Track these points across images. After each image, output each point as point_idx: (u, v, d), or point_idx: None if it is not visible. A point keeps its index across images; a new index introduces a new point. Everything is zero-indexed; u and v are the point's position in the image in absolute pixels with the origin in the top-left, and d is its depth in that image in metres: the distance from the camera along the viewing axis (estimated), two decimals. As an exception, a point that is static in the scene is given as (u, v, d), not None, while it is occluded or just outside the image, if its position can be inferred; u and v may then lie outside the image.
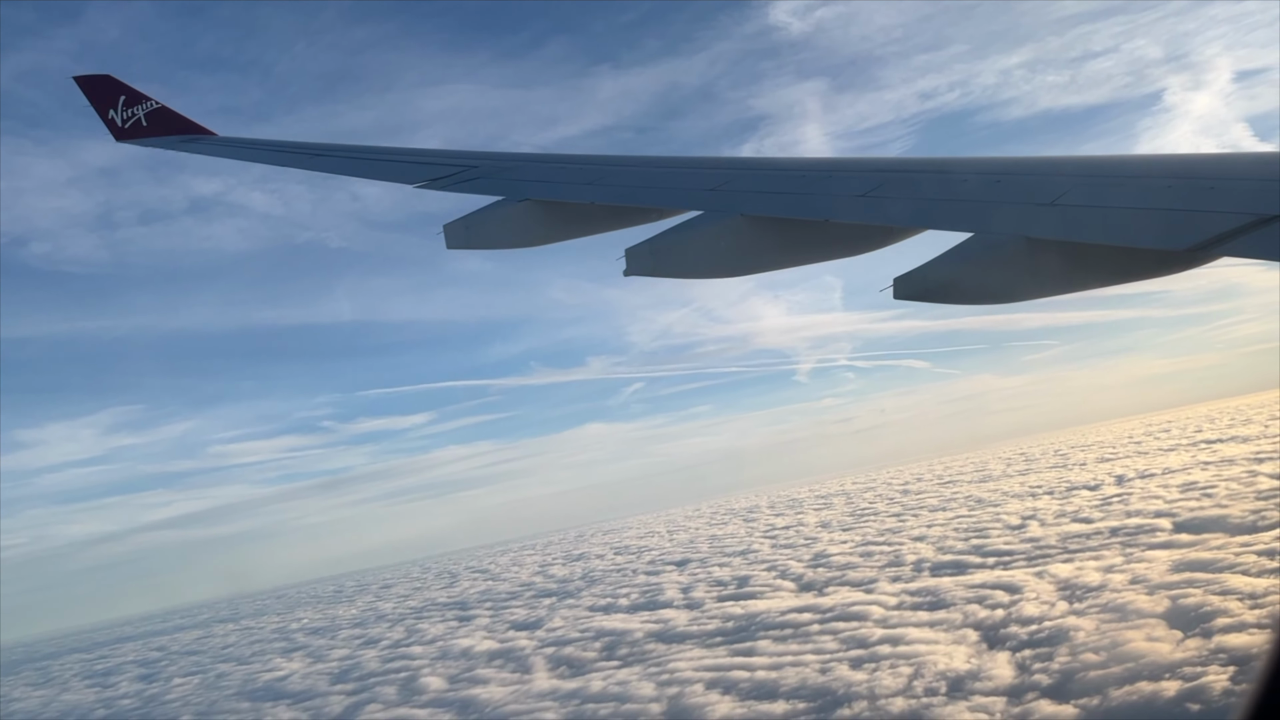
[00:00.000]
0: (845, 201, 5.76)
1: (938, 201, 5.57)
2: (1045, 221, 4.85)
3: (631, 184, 7.08)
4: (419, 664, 77.31)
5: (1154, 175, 5.22)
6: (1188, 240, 4.10)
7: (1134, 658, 39.57)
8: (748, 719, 41.85)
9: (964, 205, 5.38)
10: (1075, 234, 4.67)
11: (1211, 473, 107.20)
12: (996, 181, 5.52)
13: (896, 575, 77.01)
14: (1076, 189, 5.08)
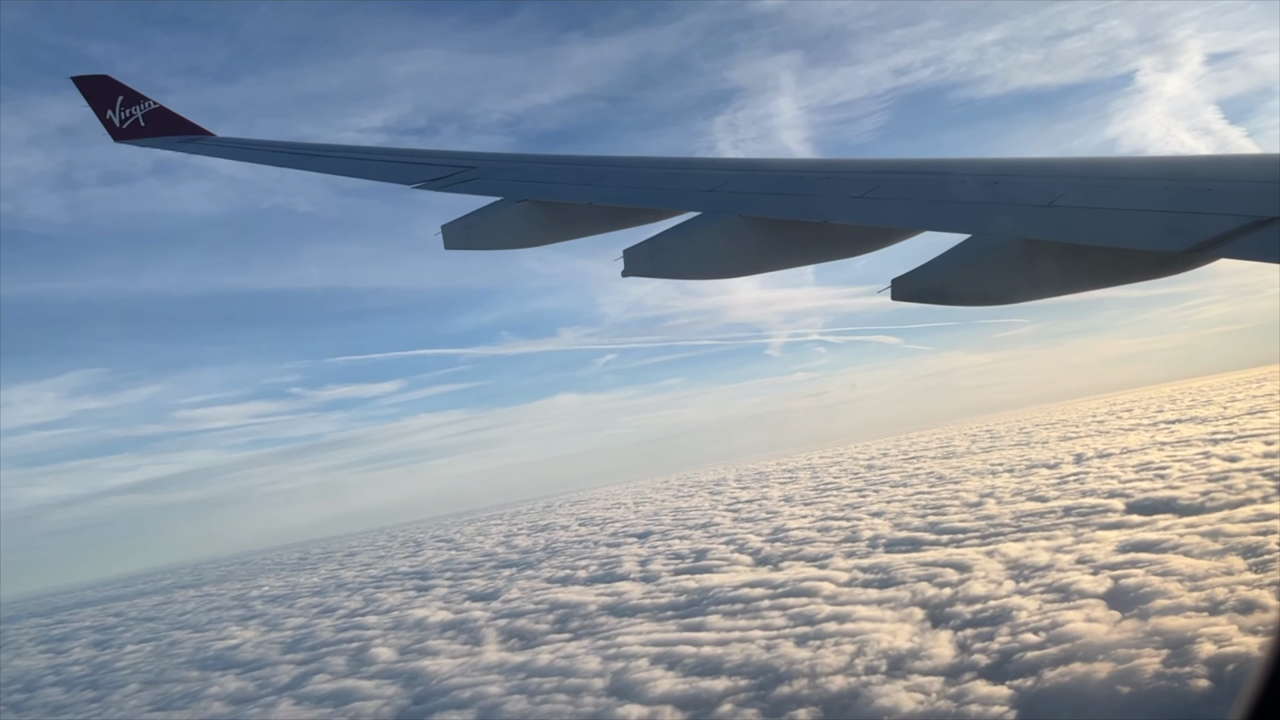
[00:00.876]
0: (843, 203, 5.79)
1: (935, 203, 5.59)
2: (1042, 223, 4.85)
3: (630, 185, 7.10)
4: (372, 634, 76.85)
5: (1151, 177, 5.24)
6: (1185, 242, 4.08)
7: (1071, 638, 39.72)
8: (688, 695, 41.68)
9: (961, 207, 5.39)
10: (1073, 236, 4.66)
11: (1167, 453, 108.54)
12: (994, 183, 5.53)
13: (851, 551, 77.31)
14: (1073, 191, 5.09)
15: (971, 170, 5.94)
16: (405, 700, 51.10)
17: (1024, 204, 5.11)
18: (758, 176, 6.89)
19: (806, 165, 6.91)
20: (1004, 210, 5.13)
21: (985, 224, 5.06)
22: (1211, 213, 4.29)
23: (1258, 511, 60.98)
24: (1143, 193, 4.96)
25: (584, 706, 43.03)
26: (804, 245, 5.85)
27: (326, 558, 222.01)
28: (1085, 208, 4.91)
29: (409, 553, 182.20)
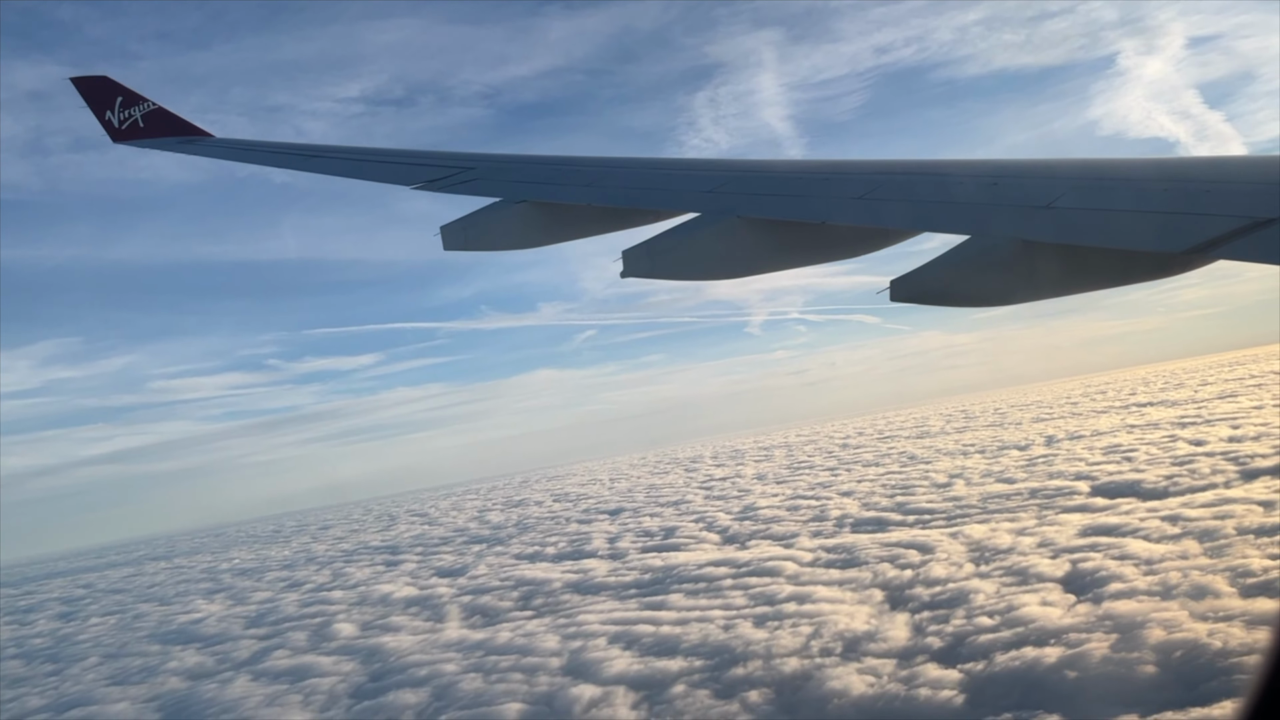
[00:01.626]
0: (842, 203, 5.79)
1: (934, 204, 5.58)
2: (1042, 224, 4.84)
3: (629, 186, 7.10)
4: (336, 609, 76.42)
5: (1149, 178, 5.25)
6: (1184, 243, 4.09)
7: (1025, 622, 39.74)
8: (642, 676, 41.50)
9: (960, 208, 5.39)
10: (1072, 237, 4.65)
11: (1136, 436, 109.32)
12: (993, 184, 5.50)
13: (818, 530, 77.43)
14: (1072, 192, 5.08)
15: (970, 171, 5.93)
16: (362, 677, 50.73)
17: (1023, 205, 5.11)
18: (756, 177, 6.86)
19: (805, 166, 6.92)
20: (1003, 211, 5.13)
21: (984, 225, 5.06)
22: (1210, 214, 4.29)
23: (1218, 496, 61.38)
24: (1142, 194, 4.96)
25: (538, 686, 42.78)
26: (803, 246, 5.86)
27: (300, 531, 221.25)
28: (1084, 209, 4.89)
29: (382, 527, 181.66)
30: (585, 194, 6.93)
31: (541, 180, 7.51)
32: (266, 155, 9.46)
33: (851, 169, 6.48)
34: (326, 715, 44.31)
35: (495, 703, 41.18)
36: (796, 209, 5.94)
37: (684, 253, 5.84)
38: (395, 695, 45.07)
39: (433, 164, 8.12)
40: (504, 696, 41.90)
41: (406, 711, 42.21)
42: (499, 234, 6.82)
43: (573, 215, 6.80)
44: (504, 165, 8.04)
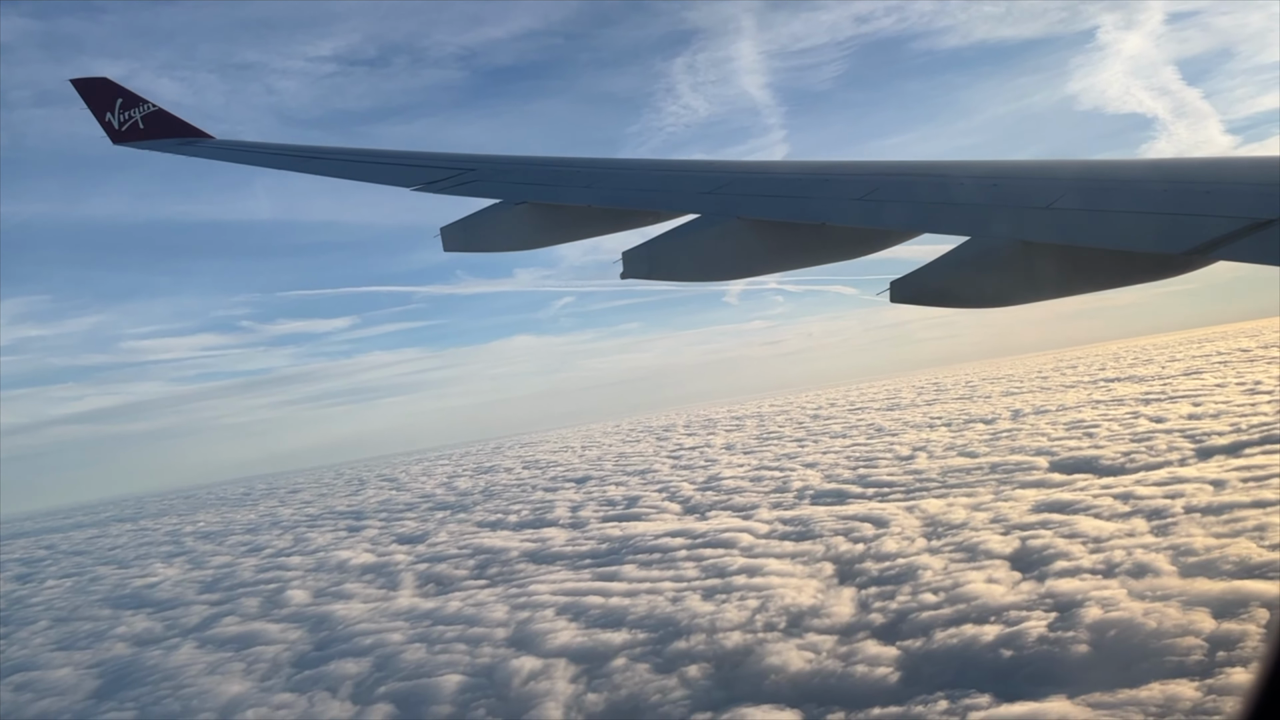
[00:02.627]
0: (842, 205, 5.79)
1: (934, 205, 5.56)
2: (1041, 225, 4.84)
3: (629, 187, 7.10)
4: (292, 575, 75.84)
5: (1149, 179, 5.23)
6: (1184, 244, 4.09)
7: (968, 599, 39.67)
8: (585, 649, 41.19)
9: (960, 209, 5.38)
10: (1072, 238, 4.66)
11: (1100, 412, 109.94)
12: (993, 185, 5.49)
13: (778, 502, 77.42)
14: (1072, 193, 5.10)
15: (970, 173, 5.91)
16: (307, 646, 50.23)
17: (1023, 206, 5.10)
18: (756, 179, 6.83)
19: (805, 167, 6.89)
20: (1003, 212, 5.12)
21: (984, 226, 5.06)
22: (1210, 215, 4.28)
23: (1171, 474, 61.70)
24: (1141, 195, 4.94)
25: (481, 657, 42.40)
26: (803, 247, 5.85)
27: (269, 494, 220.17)
28: (1084, 210, 4.89)
29: (351, 491, 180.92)
30: (585, 195, 6.93)
31: (541, 181, 7.52)
32: (266, 157, 9.53)
33: (851, 170, 6.49)
34: (264, 684, 43.75)
35: (435, 674, 40.78)
36: (796, 210, 5.95)
37: (684, 254, 5.84)
38: (337, 665, 44.57)
39: (433, 165, 8.18)
40: (445, 668, 41.51)
41: (345, 682, 41.72)
42: (499, 235, 6.83)
43: (573, 216, 6.82)
44: (504, 166, 8.09)
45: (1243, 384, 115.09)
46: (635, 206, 6.73)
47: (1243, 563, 38.58)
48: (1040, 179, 5.53)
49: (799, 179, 6.66)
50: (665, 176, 7.34)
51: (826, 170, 6.68)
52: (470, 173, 7.74)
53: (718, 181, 6.75)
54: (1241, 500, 49.51)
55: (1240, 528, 44.32)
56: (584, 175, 7.42)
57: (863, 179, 6.15)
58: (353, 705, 38.59)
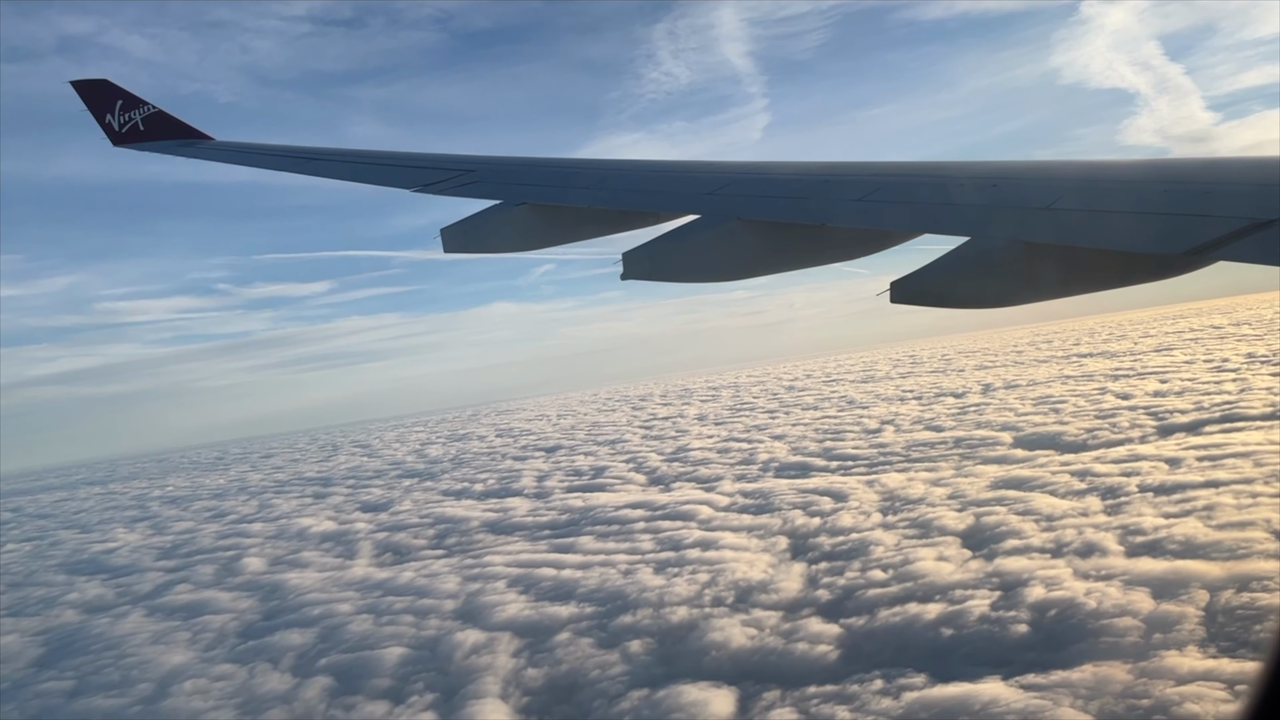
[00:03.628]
0: (842, 206, 5.81)
1: (934, 206, 5.58)
2: (1041, 226, 4.85)
3: (629, 188, 7.13)
4: (251, 543, 75.19)
5: (1149, 180, 5.26)
6: (1184, 244, 4.10)
7: (915, 577, 39.49)
8: (530, 622, 40.82)
9: (960, 210, 5.38)
10: (1071, 238, 4.69)
11: (1069, 388, 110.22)
12: (992, 186, 5.49)
13: (743, 474, 77.23)
14: (1072, 194, 5.12)
15: (970, 174, 5.92)
16: (255, 616, 49.66)
17: (1023, 207, 5.11)
18: (757, 180, 6.81)
19: (805, 169, 6.90)
20: (1003, 213, 5.13)
21: (984, 227, 5.07)
22: (1210, 215, 4.29)
23: (1130, 452, 61.82)
24: (1141, 196, 4.97)
25: (426, 630, 41.96)
26: (803, 248, 5.85)
27: (242, 459, 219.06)
28: (1084, 210, 4.90)
29: (323, 457, 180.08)
30: (585, 196, 6.93)
31: (541, 183, 7.53)
32: (267, 159, 9.55)
33: (851, 171, 6.50)
34: (207, 655, 43.20)
35: (379, 646, 40.31)
36: (797, 211, 5.94)
37: (684, 255, 5.82)
38: (282, 635, 44.05)
39: (434, 166, 8.21)
40: (389, 640, 41.05)
41: (288, 653, 41.21)
42: (499, 236, 6.81)
43: (573, 217, 6.81)
44: (504, 168, 8.14)
45: (1210, 361, 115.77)
46: (635, 207, 6.76)
47: (1188, 543, 38.55)
48: (1040, 180, 5.54)
49: (799, 180, 6.69)
50: (665, 177, 7.36)
51: (826, 171, 6.73)
52: (470, 174, 7.79)
53: (717, 182, 6.77)
54: (1194, 480, 49.55)
55: (1190, 507, 44.34)
56: (584, 176, 7.48)
57: (862, 180, 6.16)
58: (292, 677, 38.08)
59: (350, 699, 34.70)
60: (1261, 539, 37.54)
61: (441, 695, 33.95)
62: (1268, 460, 51.32)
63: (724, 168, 7.30)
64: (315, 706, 34.36)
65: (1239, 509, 42.85)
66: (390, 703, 33.77)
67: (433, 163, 8.37)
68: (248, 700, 35.79)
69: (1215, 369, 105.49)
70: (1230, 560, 35.60)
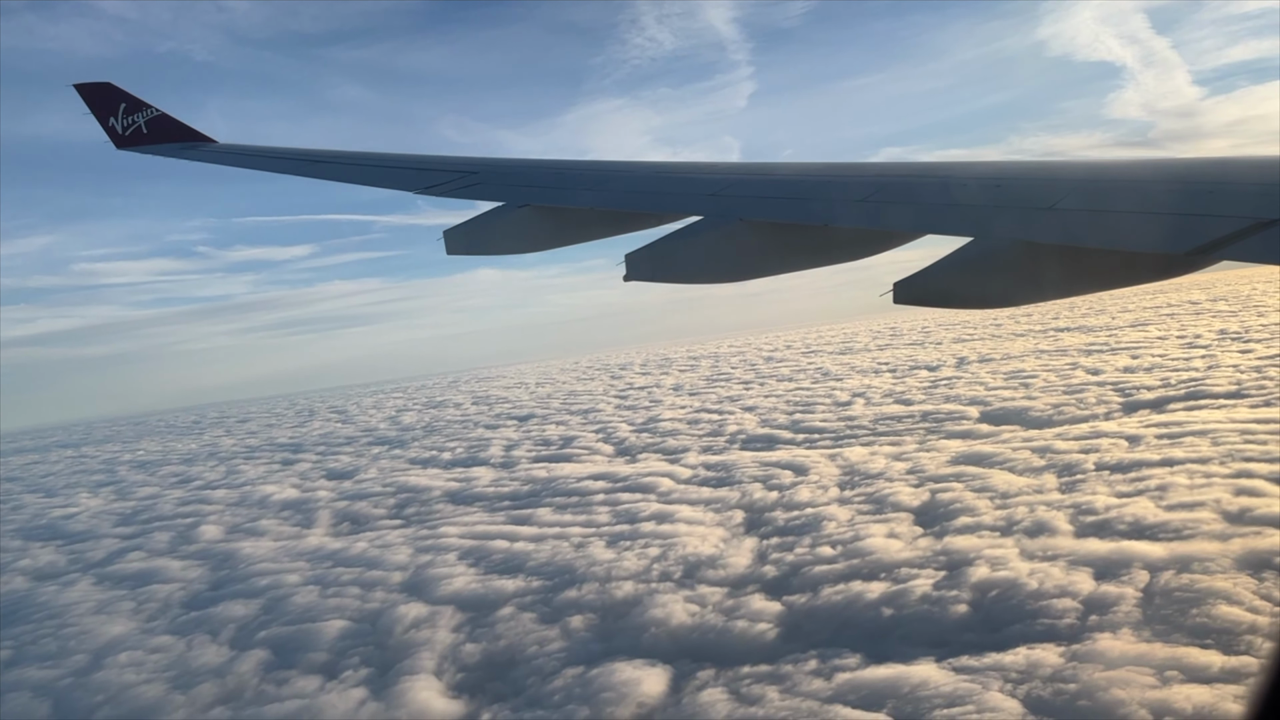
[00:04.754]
0: (845, 206, 5.83)
1: (937, 206, 5.55)
2: (1045, 226, 4.83)
3: (631, 189, 7.16)
4: (211, 510, 74.48)
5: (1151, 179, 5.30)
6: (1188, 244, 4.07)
7: (863, 554, 39.14)
8: (475, 596, 40.31)
9: (963, 210, 5.37)
10: (1075, 238, 4.66)
11: (1041, 362, 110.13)
12: (996, 186, 5.49)
13: (709, 446, 76.86)
14: (1075, 194, 5.10)
15: (973, 174, 5.92)
16: (202, 585, 49.03)
17: (1026, 207, 5.10)
18: (759, 181, 6.82)
19: (808, 169, 6.92)
20: (1006, 213, 5.12)
21: (988, 227, 5.08)
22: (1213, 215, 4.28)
23: (1093, 429, 61.65)
24: (1144, 195, 4.96)
25: (370, 603, 41.42)
26: (806, 249, 5.85)
27: (218, 423, 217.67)
28: (1087, 210, 4.87)
29: (298, 423, 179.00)
30: (588, 197, 6.95)
31: (544, 184, 7.54)
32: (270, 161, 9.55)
33: (854, 172, 6.49)
34: (148, 625, 42.57)
35: (321, 619, 39.76)
36: (799, 212, 5.94)
37: (687, 256, 5.80)
38: (225, 607, 43.44)
39: (436, 169, 8.23)
40: (332, 613, 40.51)
41: (229, 625, 40.63)
42: (502, 238, 6.82)
43: (575, 219, 6.81)
44: (506, 170, 8.15)
45: (1183, 337, 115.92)
46: (637, 209, 6.74)
47: (1136, 523, 38.31)
48: (1043, 180, 5.51)
49: (801, 181, 6.67)
50: (667, 179, 7.36)
51: (829, 172, 6.73)
52: (472, 175, 7.81)
53: (720, 184, 6.75)
54: (1151, 458, 49.39)
55: (1143, 486, 44.15)
56: (586, 178, 7.48)
57: (865, 181, 6.15)
58: (230, 650, 37.50)
59: (284, 673, 34.13)
60: (1209, 520, 37.34)
61: (376, 670, 33.44)
62: (1225, 439, 51.18)
63: (726, 169, 7.34)
64: (248, 681, 33.79)
65: (1191, 489, 42.68)
66: (323, 677, 33.24)
67: (436, 165, 8.45)
68: (180, 674, 35.19)
69: (1187, 345, 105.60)
70: (1175, 541, 35.39)
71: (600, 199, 6.93)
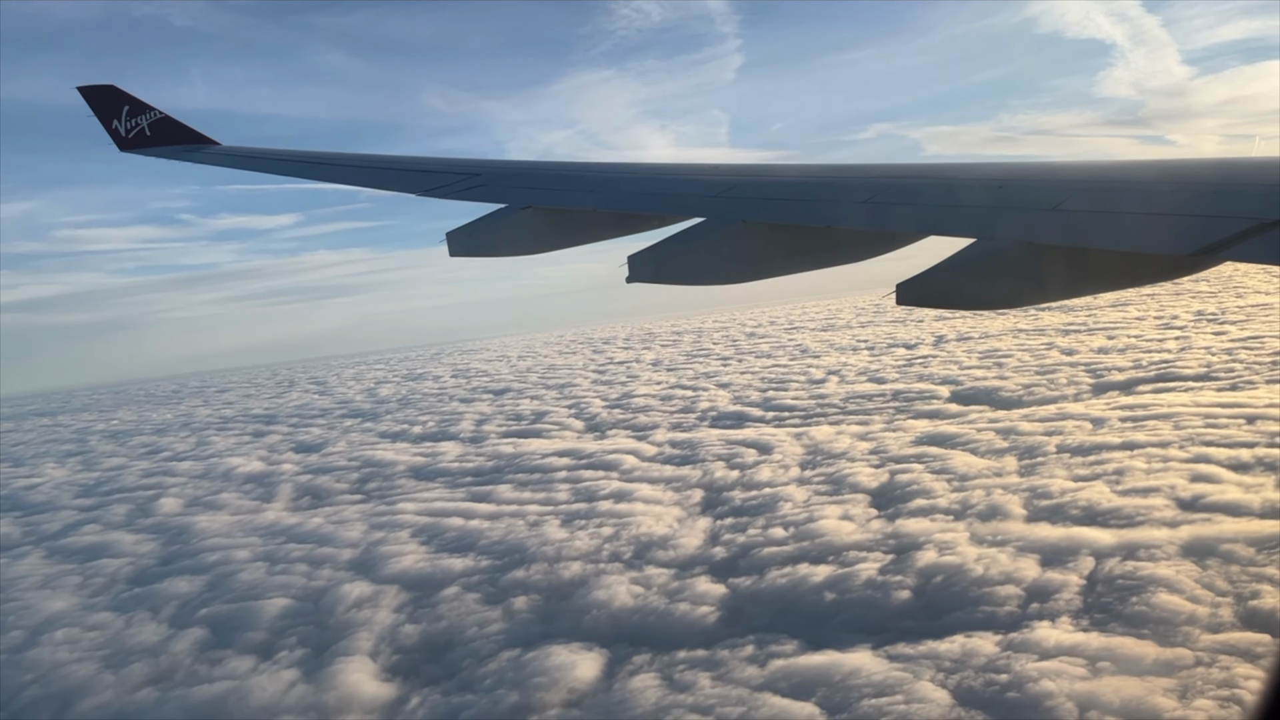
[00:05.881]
0: (848, 208, 5.84)
1: (940, 208, 5.56)
2: (1048, 227, 4.82)
3: (634, 191, 7.21)
4: (174, 482, 73.70)
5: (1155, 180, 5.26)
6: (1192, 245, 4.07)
7: (814, 536, 38.67)
8: (421, 575, 39.74)
9: (966, 211, 5.38)
10: (1078, 239, 4.65)
11: (1018, 341, 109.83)
12: (999, 188, 5.49)
13: (679, 423, 76.36)
14: (1079, 195, 5.08)
15: (976, 175, 5.93)
16: (151, 561, 48.35)
17: (1030, 208, 5.08)
18: (762, 183, 6.86)
19: (810, 171, 6.94)
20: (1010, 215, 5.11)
21: (991, 229, 5.08)
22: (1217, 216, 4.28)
23: (1059, 410, 61.29)
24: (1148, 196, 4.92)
25: (316, 581, 40.81)
26: (809, 251, 5.86)
27: (198, 393, 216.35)
28: (1091, 211, 4.85)
29: (276, 394, 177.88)
30: (590, 199, 6.94)
31: (546, 186, 7.57)
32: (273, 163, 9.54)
33: (857, 174, 6.51)
34: (91, 601, 41.90)
35: (264, 597, 39.15)
36: (803, 214, 5.94)
37: (690, 258, 5.80)
38: (171, 583, 42.79)
39: (439, 170, 8.24)
40: (276, 590, 39.90)
41: (172, 602, 39.97)
42: (504, 240, 6.82)
43: (578, 220, 6.82)
44: (509, 172, 8.18)
45: (1160, 318, 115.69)
46: (640, 210, 6.75)
47: (1090, 508, 37.94)
48: (1046, 181, 5.51)
49: (805, 183, 6.67)
50: (670, 180, 7.37)
51: (832, 174, 6.72)
52: (475, 177, 7.80)
53: (723, 185, 6.75)
54: (1112, 442, 49.04)
55: (1101, 470, 43.80)
56: (589, 179, 7.49)
57: (869, 182, 6.17)
58: (168, 629, 36.87)
59: (219, 653, 33.54)
60: (1161, 506, 36.99)
61: (312, 651, 32.84)
62: (1187, 423, 50.87)
63: (728, 170, 7.33)
64: (181, 661, 33.19)
65: (1148, 473, 42.35)
66: (258, 658, 32.65)
67: (439, 167, 8.44)
68: (115, 653, 34.54)
69: (1163, 326, 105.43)
70: (1125, 528, 35.02)
71: (603, 200, 6.90)
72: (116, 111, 10.73)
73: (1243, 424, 48.99)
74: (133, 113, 10.77)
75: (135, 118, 10.78)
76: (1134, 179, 5.38)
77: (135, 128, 10.79)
